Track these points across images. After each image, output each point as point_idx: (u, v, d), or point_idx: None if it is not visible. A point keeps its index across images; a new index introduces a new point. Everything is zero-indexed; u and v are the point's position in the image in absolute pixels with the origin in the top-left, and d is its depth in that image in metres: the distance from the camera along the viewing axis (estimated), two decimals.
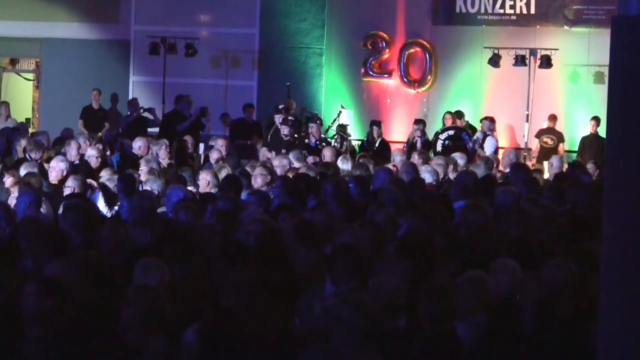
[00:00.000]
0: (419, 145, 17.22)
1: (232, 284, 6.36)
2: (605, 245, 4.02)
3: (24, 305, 6.14)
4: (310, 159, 14.14)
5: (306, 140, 16.93)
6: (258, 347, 5.81)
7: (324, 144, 16.64)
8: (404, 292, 6.29)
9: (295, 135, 17.21)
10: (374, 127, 17.95)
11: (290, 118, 17.49)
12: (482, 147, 17.32)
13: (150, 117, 18.49)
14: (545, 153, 17.73)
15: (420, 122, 17.90)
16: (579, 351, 6.24)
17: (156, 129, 18.10)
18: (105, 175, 11.70)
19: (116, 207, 10.64)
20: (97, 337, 5.83)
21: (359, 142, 18.82)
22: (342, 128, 18.68)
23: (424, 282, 6.43)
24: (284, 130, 17.10)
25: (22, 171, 11.52)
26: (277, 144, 16.94)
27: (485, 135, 17.68)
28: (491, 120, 18.15)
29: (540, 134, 18.65)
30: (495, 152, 17.11)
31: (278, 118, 17.67)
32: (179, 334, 5.95)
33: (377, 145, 17.56)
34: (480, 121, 18.35)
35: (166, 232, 8.26)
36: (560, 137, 18.50)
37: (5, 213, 8.95)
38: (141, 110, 18.50)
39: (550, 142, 18.47)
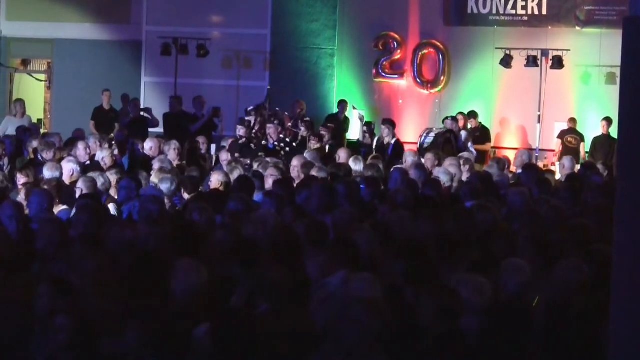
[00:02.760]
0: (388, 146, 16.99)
1: (268, 284, 6.39)
2: (617, 246, 4.02)
3: (35, 306, 6.15)
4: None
5: (263, 142, 16.56)
6: (270, 347, 5.81)
7: (282, 144, 16.48)
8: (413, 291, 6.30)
9: (260, 133, 16.89)
10: (365, 129, 17.86)
11: (247, 119, 17.21)
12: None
13: (148, 117, 18.52)
14: (569, 152, 17.71)
15: (387, 122, 17.45)
16: (590, 352, 6.23)
17: (156, 129, 18.09)
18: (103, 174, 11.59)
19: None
20: (107, 337, 5.85)
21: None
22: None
23: (428, 283, 6.42)
24: (239, 131, 16.65)
25: (46, 172, 11.49)
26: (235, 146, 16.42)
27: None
28: (453, 119, 17.99)
29: (563, 134, 18.62)
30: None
31: (250, 119, 17.37)
32: (187, 334, 5.95)
33: (374, 146, 17.31)
34: (443, 121, 18.25)
35: (176, 231, 8.26)
36: (582, 137, 18.51)
37: (18, 212, 8.94)
38: (140, 112, 18.56)
39: (574, 141, 18.48)
